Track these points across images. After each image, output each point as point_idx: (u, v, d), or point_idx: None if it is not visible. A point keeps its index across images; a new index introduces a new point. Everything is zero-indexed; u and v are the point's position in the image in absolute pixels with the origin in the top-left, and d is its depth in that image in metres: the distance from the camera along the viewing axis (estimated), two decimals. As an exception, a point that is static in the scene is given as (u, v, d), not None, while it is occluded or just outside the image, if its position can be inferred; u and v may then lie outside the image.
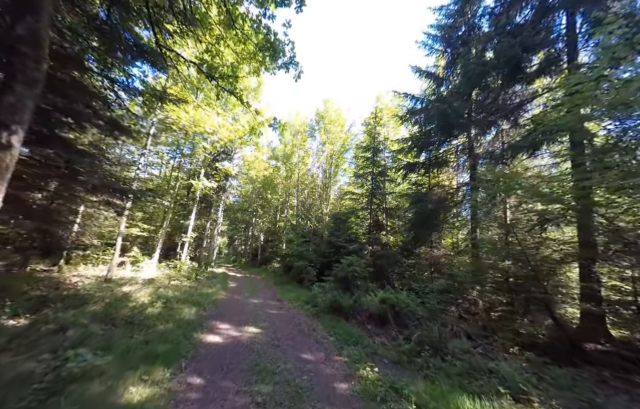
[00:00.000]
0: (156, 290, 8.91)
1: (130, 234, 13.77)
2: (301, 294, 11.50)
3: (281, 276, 17.28)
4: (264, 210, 29.99)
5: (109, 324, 5.29)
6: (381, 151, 16.22)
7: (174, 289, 9.69)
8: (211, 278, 14.84)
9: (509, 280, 7.40)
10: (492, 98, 10.27)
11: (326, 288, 10.16)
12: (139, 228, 14.35)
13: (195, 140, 14.03)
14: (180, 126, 11.41)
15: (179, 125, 11.42)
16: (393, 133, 19.07)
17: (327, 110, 21.57)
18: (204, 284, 12.19)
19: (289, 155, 24.41)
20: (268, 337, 5.68)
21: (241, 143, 15.49)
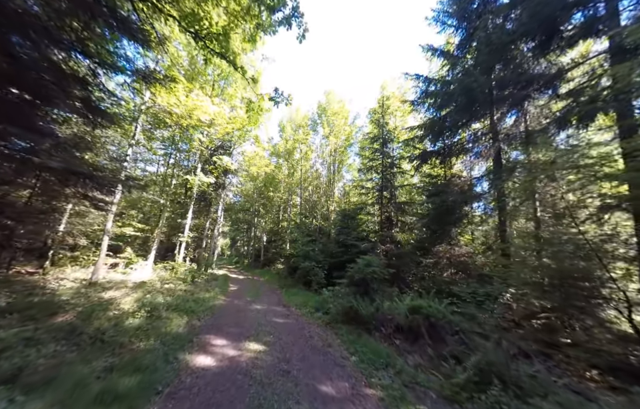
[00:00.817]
0: (144, 295, 7.79)
1: (123, 234, 12.69)
2: (309, 298, 10.33)
3: (286, 278, 16.12)
4: (266, 209, 28.89)
5: (73, 341, 4.16)
6: (390, 141, 15.01)
7: (166, 294, 8.57)
8: (210, 281, 13.72)
9: (556, 280, 6.17)
10: (520, 71, 9.05)
11: (338, 292, 8.99)
12: (132, 228, 13.28)
13: (190, 133, 12.93)
14: (171, 114, 10.30)
15: (171, 113, 10.31)
16: (401, 122, 17.83)
17: (329, 102, 20.41)
18: (201, 288, 11.07)
19: (291, 151, 23.28)
20: (274, 357, 4.51)
21: (240, 136, 14.39)
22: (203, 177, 12.52)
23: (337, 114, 20.20)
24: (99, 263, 8.74)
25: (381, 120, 15.16)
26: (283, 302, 10.06)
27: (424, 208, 13.52)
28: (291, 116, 23.13)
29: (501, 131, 10.40)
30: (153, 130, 15.00)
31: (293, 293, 11.77)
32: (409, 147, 13.47)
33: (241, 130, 13.95)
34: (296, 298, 10.68)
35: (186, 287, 10.42)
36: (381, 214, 14.56)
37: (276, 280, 17.12)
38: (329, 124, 20.30)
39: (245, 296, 10.93)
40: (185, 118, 10.97)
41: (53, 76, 4.90)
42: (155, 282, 9.83)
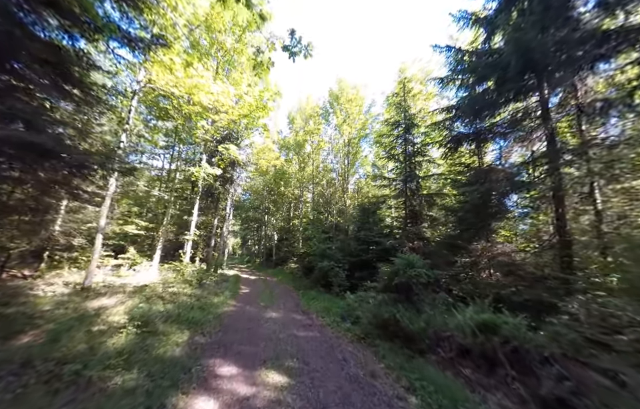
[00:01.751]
0: (141, 302, 6.65)
1: (124, 233, 11.71)
2: (331, 303, 9.02)
3: (301, 279, 14.87)
4: (276, 206, 27.75)
5: (20, 376, 2.97)
6: (413, 127, 13.46)
7: (168, 300, 7.43)
8: (220, 282, 12.60)
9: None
10: (583, 32, 7.39)
11: (366, 298, 7.65)
12: (136, 226, 12.29)
13: (193, 122, 11.79)
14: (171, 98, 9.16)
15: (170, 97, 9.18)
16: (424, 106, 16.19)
17: (342, 88, 18.95)
18: (210, 291, 9.93)
19: (301, 144, 21.97)
20: (302, 396, 3.20)
21: (248, 123, 13.19)
22: (209, 168, 11.37)
23: (351, 101, 18.74)
24: (92, 265, 7.67)
25: (402, 103, 13.63)
26: (301, 308, 8.77)
27: (456, 200, 11.95)
28: (301, 106, 21.79)
29: (552, 109, 8.76)
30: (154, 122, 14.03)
31: (312, 296, 10.47)
32: (438, 131, 11.90)
33: (248, 116, 12.73)
34: (316, 302, 9.38)
35: (192, 290, 9.29)
36: (405, 207, 13.06)
37: (290, 280, 15.90)
38: (342, 112, 18.85)
39: (257, 300, 9.71)
40: (185, 102, 9.82)
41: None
42: (158, 285, 8.72)
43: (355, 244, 12.41)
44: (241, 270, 23.77)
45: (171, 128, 14.30)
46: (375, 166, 23.64)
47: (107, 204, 7.94)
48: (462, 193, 11.79)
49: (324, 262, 11.52)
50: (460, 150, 11.85)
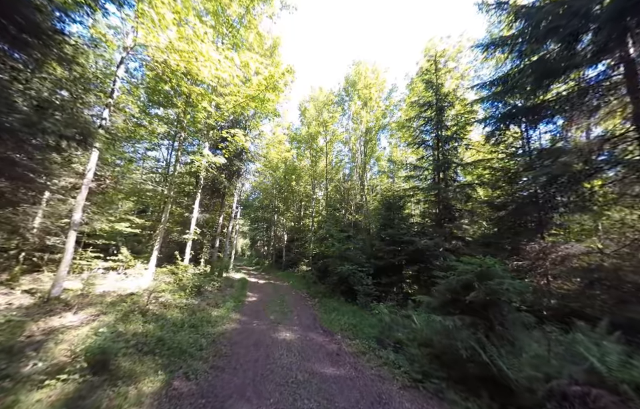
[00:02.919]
0: (116, 319, 5.06)
1: (114, 231, 10.25)
2: (358, 318, 7.24)
3: (315, 284, 13.11)
4: (286, 204, 26.13)
5: None
6: (447, 108, 11.51)
7: (154, 314, 5.81)
8: (224, 288, 11.00)
9: None
10: None
11: (408, 314, 5.88)
12: (130, 224, 10.83)
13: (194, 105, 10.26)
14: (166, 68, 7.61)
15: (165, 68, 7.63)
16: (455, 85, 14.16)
17: (360, 73, 17.12)
18: (210, 300, 8.31)
19: (314, 136, 20.26)
20: None
21: (256, 106, 11.54)
22: (212, 156, 9.78)
23: (370, 86, 16.91)
24: (60, 270, 6.15)
25: (434, 81, 11.71)
26: (320, 323, 7.00)
27: (503, 190, 9.96)
28: (313, 95, 20.06)
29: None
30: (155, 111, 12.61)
31: (331, 307, 8.69)
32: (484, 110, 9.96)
33: (257, 100, 11.10)
34: (338, 316, 7.59)
35: (188, 300, 7.68)
36: (437, 201, 11.11)
37: (303, 285, 14.17)
38: (360, 98, 17.01)
39: (266, 312, 8.01)
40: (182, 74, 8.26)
41: None
42: (146, 294, 7.13)
43: (380, 244, 10.55)
44: (248, 272, 22.23)
45: (172, 116, 12.86)
46: (391, 161, 21.71)
47: (82, 194, 6.41)
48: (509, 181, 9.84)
49: (345, 266, 9.72)
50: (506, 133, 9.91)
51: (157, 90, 11.62)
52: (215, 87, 10.75)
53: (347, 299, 9.70)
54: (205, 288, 9.60)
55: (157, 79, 11.38)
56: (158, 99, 11.90)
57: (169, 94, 11.65)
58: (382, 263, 10.12)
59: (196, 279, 9.57)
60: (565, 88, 8.45)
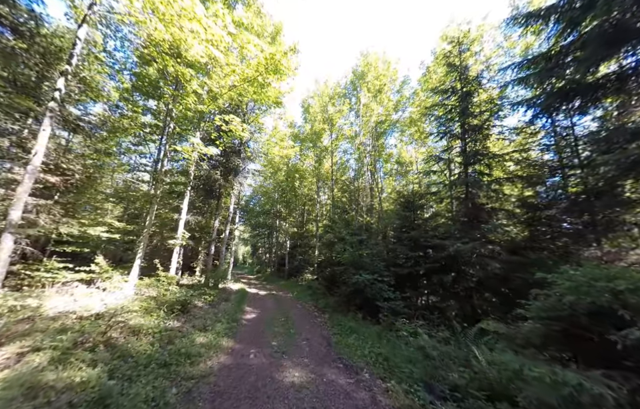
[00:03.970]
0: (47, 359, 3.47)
1: (90, 236, 8.71)
2: (387, 345, 5.58)
3: (324, 296, 11.45)
4: (289, 208, 24.56)
5: None
6: (475, 92, 10.00)
7: (115, 347, 4.21)
8: (217, 303, 9.37)
9: None
10: None
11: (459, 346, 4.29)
12: (108, 228, 9.29)
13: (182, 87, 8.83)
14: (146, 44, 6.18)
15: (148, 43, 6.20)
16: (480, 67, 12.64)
17: (370, 63, 15.69)
18: (198, 319, 6.70)
19: (319, 134, 18.79)
20: None
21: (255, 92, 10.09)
22: (201, 145, 8.26)
23: (380, 77, 15.47)
24: (-13, 286, 4.57)
25: (457, 64, 10.23)
26: (338, 355, 5.35)
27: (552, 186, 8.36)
28: (318, 89, 18.63)
29: None
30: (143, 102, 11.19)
31: (348, 328, 7.03)
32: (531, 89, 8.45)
33: (255, 84, 9.66)
34: (359, 342, 5.95)
35: (168, 321, 6.08)
36: (466, 199, 9.50)
37: (309, 296, 12.50)
38: (370, 91, 15.53)
39: (267, 335, 6.37)
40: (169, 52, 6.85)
41: None
42: (114, 314, 5.52)
43: (401, 248, 8.92)
44: (249, 282, 20.56)
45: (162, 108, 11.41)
46: (399, 162, 20.18)
47: (25, 186, 4.88)
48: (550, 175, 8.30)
49: (363, 276, 8.07)
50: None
51: (142, 76, 10.23)
52: (207, 69, 9.32)
53: (364, 315, 8.04)
54: (193, 304, 7.98)
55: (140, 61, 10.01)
56: (144, 87, 10.50)
57: (155, 82, 10.25)
58: (404, 271, 8.47)
59: (182, 293, 7.97)
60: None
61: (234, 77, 9.37)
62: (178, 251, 9.16)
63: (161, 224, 11.28)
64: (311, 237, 24.73)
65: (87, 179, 8.41)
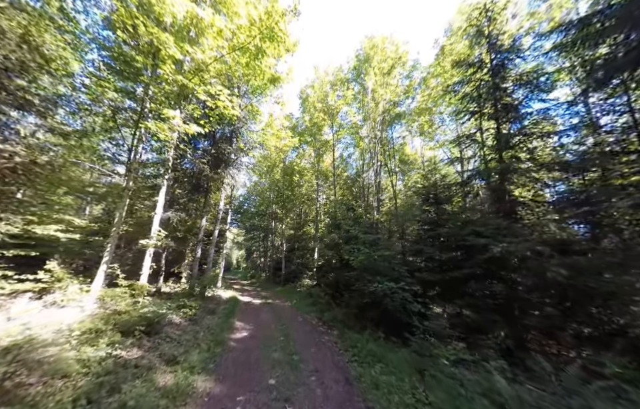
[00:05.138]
0: None
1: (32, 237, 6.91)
2: (431, 383, 3.92)
3: (329, 306, 9.76)
4: (286, 209, 22.89)
5: None
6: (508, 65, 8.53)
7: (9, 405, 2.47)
8: (201, 317, 7.63)
9: None
10: None
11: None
12: (65, 226, 7.51)
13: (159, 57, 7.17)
14: None
15: None
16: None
17: (376, 45, 14.20)
18: (168, 344, 4.99)
19: (319, 126, 17.22)
20: None
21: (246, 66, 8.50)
22: (179, 119, 6.57)
23: (388, 59, 14.00)
24: None
25: (485, 31, 8.78)
26: (366, 403, 3.68)
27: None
28: (317, 77, 17.08)
29: None
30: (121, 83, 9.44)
31: (368, 352, 5.37)
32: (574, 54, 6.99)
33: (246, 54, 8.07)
34: (387, 376, 4.29)
35: (122, 350, 4.35)
36: (502, 190, 7.95)
37: (310, 306, 10.81)
38: (377, 74, 14.00)
39: (262, 366, 4.69)
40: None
41: None
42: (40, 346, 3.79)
43: (430, 250, 7.30)
44: (242, 288, 18.76)
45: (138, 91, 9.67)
46: (402, 161, 18.71)
47: None
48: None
49: (382, 283, 6.43)
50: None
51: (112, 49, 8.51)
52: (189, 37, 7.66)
53: (385, 334, 6.39)
54: (167, 321, 6.23)
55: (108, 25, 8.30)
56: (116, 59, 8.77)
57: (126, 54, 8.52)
58: (434, 277, 6.85)
59: (154, 307, 6.22)
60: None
61: (221, 43, 7.73)
62: (151, 253, 7.41)
63: (136, 223, 9.50)
64: (309, 239, 23.05)
65: (34, 165, 6.64)
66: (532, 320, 6.05)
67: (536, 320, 5.97)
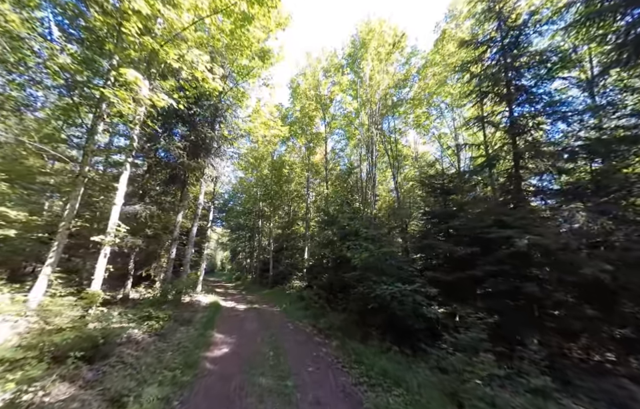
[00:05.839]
0: None
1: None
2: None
3: (324, 311, 8.65)
4: (274, 206, 21.58)
5: None
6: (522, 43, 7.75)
7: None
8: (172, 331, 6.31)
9: None
10: None
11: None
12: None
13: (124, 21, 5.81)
14: None
15: None
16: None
17: (373, 30, 13.24)
18: (116, 374, 3.71)
19: (310, 117, 16.09)
20: None
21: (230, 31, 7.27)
22: (140, 81, 5.25)
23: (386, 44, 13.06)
24: None
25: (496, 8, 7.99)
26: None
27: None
28: (309, 64, 15.94)
29: None
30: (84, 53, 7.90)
31: (380, 371, 4.29)
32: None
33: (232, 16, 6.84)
34: (408, 405, 3.24)
35: (50, 388, 3.05)
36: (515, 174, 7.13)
37: (302, 311, 9.66)
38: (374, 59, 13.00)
39: (246, 399, 3.51)
40: None
41: None
42: None
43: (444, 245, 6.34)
44: (225, 292, 17.31)
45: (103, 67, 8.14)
46: (395, 158, 17.90)
47: None
48: None
49: (392, 285, 5.39)
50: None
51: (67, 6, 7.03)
52: None
53: (397, 344, 5.35)
54: (124, 338, 4.90)
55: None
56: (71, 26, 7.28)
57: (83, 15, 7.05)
58: (449, 277, 5.90)
59: (104, 323, 4.88)
60: None
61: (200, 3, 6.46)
62: (107, 254, 6.00)
63: (94, 218, 7.99)
64: (298, 238, 21.86)
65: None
66: (566, 324, 5.23)
67: (570, 323, 5.14)
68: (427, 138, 16.67)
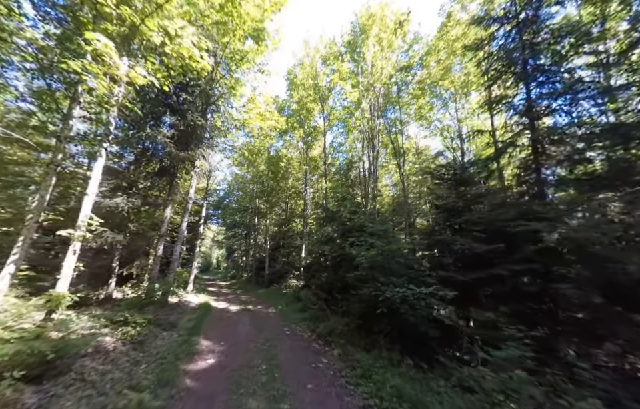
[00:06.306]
0: None
1: None
2: None
3: (323, 314, 7.94)
4: (270, 203, 20.83)
5: None
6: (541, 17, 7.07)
7: None
8: (151, 336, 5.58)
9: None
10: None
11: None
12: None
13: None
14: None
15: None
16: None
17: (373, 15, 12.47)
18: (69, 397, 2.96)
19: (308, 109, 15.34)
20: None
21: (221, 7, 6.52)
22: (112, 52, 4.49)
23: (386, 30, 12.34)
24: None
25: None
26: None
27: None
28: (307, 54, 15.18)
29: None
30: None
31: (393, 391, 3.60)
32: None
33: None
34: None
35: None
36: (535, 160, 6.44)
37: (299, 313, 8.96)
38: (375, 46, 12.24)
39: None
40: None
41: None
42: None
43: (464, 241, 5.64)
44: (218, 291, 16.56)
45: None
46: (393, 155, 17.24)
47: None
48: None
49: (404, 287, 4.71)
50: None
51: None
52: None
53: (410, 357, 4.66)
54: (91, 348, 4.16)
55: None
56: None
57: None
58: (466, 277, 5.21)
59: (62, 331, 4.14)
60: None
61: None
62: (76, 250, 5.25)
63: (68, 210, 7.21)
64: (296, 236, 21.14)
65: None
66: (592, 328, 4.58)
67: (596, 327, 4.50)
68: (428, 131, 15.98)
